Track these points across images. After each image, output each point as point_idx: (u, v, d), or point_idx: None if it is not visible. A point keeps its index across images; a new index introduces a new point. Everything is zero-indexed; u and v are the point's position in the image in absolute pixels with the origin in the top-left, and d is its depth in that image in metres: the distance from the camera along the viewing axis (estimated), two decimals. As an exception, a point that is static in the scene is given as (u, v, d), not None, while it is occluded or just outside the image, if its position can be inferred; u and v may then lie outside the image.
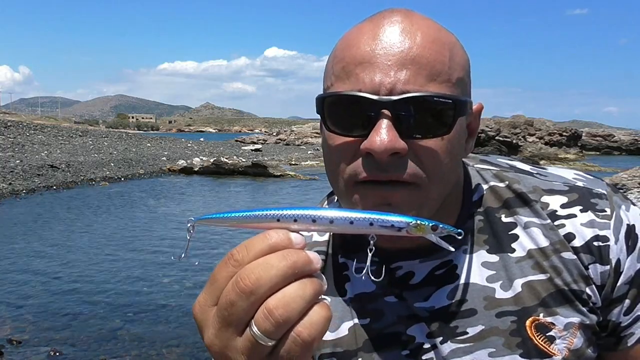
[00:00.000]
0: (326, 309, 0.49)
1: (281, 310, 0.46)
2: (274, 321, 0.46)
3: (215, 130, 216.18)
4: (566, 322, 0.76)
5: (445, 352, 0.78)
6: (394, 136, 0.65)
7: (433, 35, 0.70)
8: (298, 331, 0.47)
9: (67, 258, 7.80)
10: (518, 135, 31.28)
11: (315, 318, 0.48)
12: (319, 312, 0.48)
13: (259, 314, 0.47)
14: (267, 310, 0.47)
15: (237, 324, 0.48)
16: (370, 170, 0.68)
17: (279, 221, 0.52)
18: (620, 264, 0.76)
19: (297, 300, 0.47)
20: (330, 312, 0.49)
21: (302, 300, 0.47)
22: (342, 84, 0.70)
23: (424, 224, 0.54)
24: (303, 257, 0.48)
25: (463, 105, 0.70)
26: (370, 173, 0.68)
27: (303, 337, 0.47)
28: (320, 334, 0.48)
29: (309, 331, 0.47)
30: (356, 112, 0.68)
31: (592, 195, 0.80)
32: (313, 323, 0.47)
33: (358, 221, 0.52)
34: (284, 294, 0.47)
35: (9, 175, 15.30)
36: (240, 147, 35.47)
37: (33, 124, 31.80)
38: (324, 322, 0.48)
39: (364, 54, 0.68)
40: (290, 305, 0.47)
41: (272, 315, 0.46)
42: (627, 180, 7.84)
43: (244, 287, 0.47)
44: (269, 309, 0.46)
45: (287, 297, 0.47)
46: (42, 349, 4.70)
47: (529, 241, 0.79)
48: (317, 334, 0.48)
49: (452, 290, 0.79)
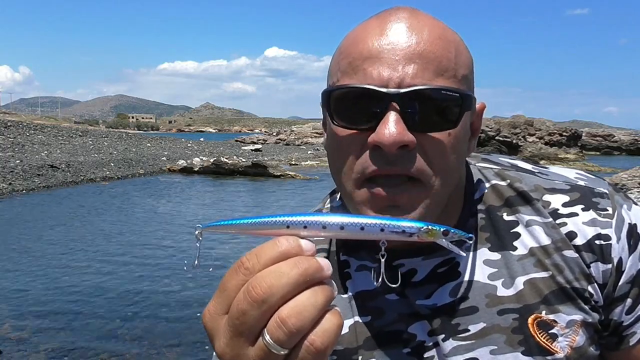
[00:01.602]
0: (338, 317, 0.48)
1: (294, 320, 0.46)
2: (287, 330, 0.46)
3: (215, 130, 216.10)
4: (568, 320, 0.76)
5: (447, 350, 0.78)
6: (402, 129, 0.65)
7: (439, 32, 0.70)
8: (311, 340, 0.47)
9: (67, 258, 7.80)
10: (518, 135, 31.29)
11: (328, 326, 0.47)
12: (331, 320, 0.48)
13: (272, 323, 0.47)
14: (280, 319, 0.46)
15: (249, 333, 0.48)
16: (378, 164, 0.67)
17: (289, 228, 0.51)
18: (622, 263, 0.76)
19: (310, 308, 0.46)
20: (342, 319, 0.49)
21: (314, 308, 0.47)
22: (349, 79, 0.69)
23: (435, 229, 0.53)
24: (314, 264, 0.48)
25: (469, 100, 0.70)
26: (379, 167, 0.67)
27: (316, 346, 0.47)
28: (333, 341, 0.48)
29: (322, 339, 0.47)
30: (364, 105, 0.67)
31: (593, 195, 0.80)
32: (326, 331, 0.47)
33: (369, 227, 0.51)
34: (296, 303, 0.47)
35: (9, 175, 15.30)
36: (240, 147, 35.45)
37: (33, 124, 31.78)
38: (337, 330, 0.48)
39: (371, 49, 0.68)
40: (302, 314, 0.46)
41: (285, 324, 0.46)
42: (627, 180, 7.84)
43: (255, 296, 0.46)
44: (282, 318, 0.46)
45: (300, 306, 0.46)
46: (42, 349, 4.70)
47: (531, 239, 0.79)
48: (330, 342, 0.47)
49: (454, 287, 0.79)
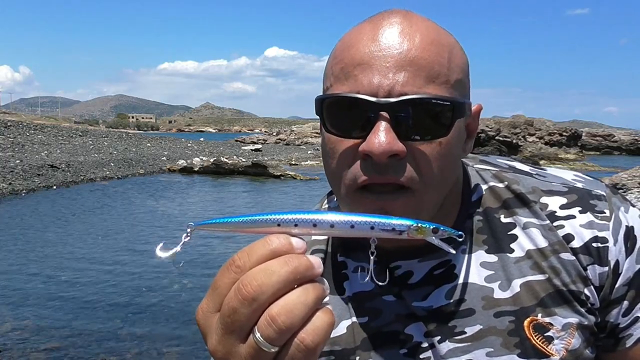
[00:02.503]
0: (329, 315, 0.49)
1: (284, 317, 0.46)
2: (277, 328, 0.46)
3: (215, 130, 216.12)
4: (564, 323, 0.76)
5: (443, 352, 0.78)
6: (392, 138, 0.65)
7: (432, 36, 0.70)
8: (301, 337, 0.47)
9: (67, 258, 7.80)
10: (518, 135, 31.27)
11: (319, 324, 0.47)
12: (322, 318, 0.48)
13: (262, 321, 0.47)
14: (270, 317, 0.46)
15: (239, 330, 0.48)
16: (368, 173, 0.68)
17: (280, 226, 0.51)
18: (619, 266, 0.77)
19: (300, 306, 0.47)
20: (334, 317, 0.49)
21: (304, 306, 0.47)
22: (341, 85, 0.70)
23: (425, 227, 0.54)
24: (305, 262, 0.48)
25: (461, 107, 0.70)
26: (369, 176, 0.68)
27: (306, 344, 0.47)
28: (324, 339, 0.48)
29: (312, 337, 0.47)
30: (355, 114, 0.67)
31: (591, 197, 0.80)
32: (316, 329, 0.47)
33: (359, 225, 0.52)
34: (286, 301, 0.47)
35: (9, 175, 15.30)
36: (240, 147, 35.45)
37: (33, 124, 31.79)
38: (327, 328, 0.48)
39: (362, 56, 0.68)
40: (293, 312, 0.46)
41: (275, 322, 0.46)
42: (627, 180, 7.83)
43: (246, 294, 0.47)
44: (272, 316, 0.46)
45: (290, 304, 0.47)
46: (42, 348, 4.70)
47: (528, 242, 0.79)
48: (321, 340, 0.47)
49: (451, 289, 0.79)
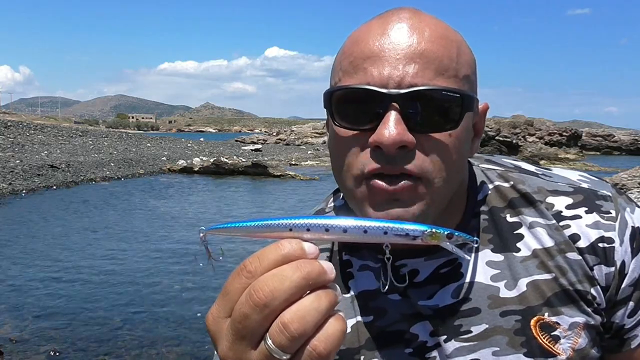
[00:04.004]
0: (342, 322, 0.48)
1: (296, 324, 0.45)
2: (289, 335, 0.45)
3: (215, 130, 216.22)
4: (571, 322, 0.75)
5: (449, 351, 0.77)
6: (402, 129, 0.65)
7: (441, 31, 0.70)
8: (314, 345, 0.46)
9: (67, 258, 7.80)
10: (518, 135, 31.28)
11: (331, 331, 0.47)
12: (334, 325, 0.47)
13: (274, 327, 0.46)
14: (282, 324, 0.46)
15: (251, 337, 0.47)
16: (379, 162, 0.67)
17: (291, 230, 0.50)
18: (624, 266, 0.76)
19: (312, 313, 0.46)
20: (346, 324, 0.48)
21: (317, 313, 0.46)
22: (350, 78, 0.70)
23: (439, 232, 0.53)
24: (317, 267, 0.47)
25: (470, 100, 0.70)
26: (379, 164, 0.67)
27: (319, 351, 0.46)
28: (336, 347, 0.47)
29: (325, 345, 0.46)
30: (365, 105, 0.68)
31: (597, 197, 0.80)
32: (329, 336, 0.46)
33: (372, 230, 0.51)
34: (298, 307, 0.46)
35: (9, 175, 15.30)
36: (240, 147, 35.47)
37: (33, 124, 31.80)
38: (340, 335, 0.47)
39: (372, 49, 0.68)
40: (305, 319, 0.45)
41: (287, 329, 0.45)
42: (627, 180, 7.84)
43: (257, 300, 0.46)
44: (284, 323, 0.45)
45: (302, 310, 0.46)
46: (42, 349, 4.70)
47: (534, 241, 0.78)
48: (333, 347, 0.47)
49: (457, 288, 0.79)
